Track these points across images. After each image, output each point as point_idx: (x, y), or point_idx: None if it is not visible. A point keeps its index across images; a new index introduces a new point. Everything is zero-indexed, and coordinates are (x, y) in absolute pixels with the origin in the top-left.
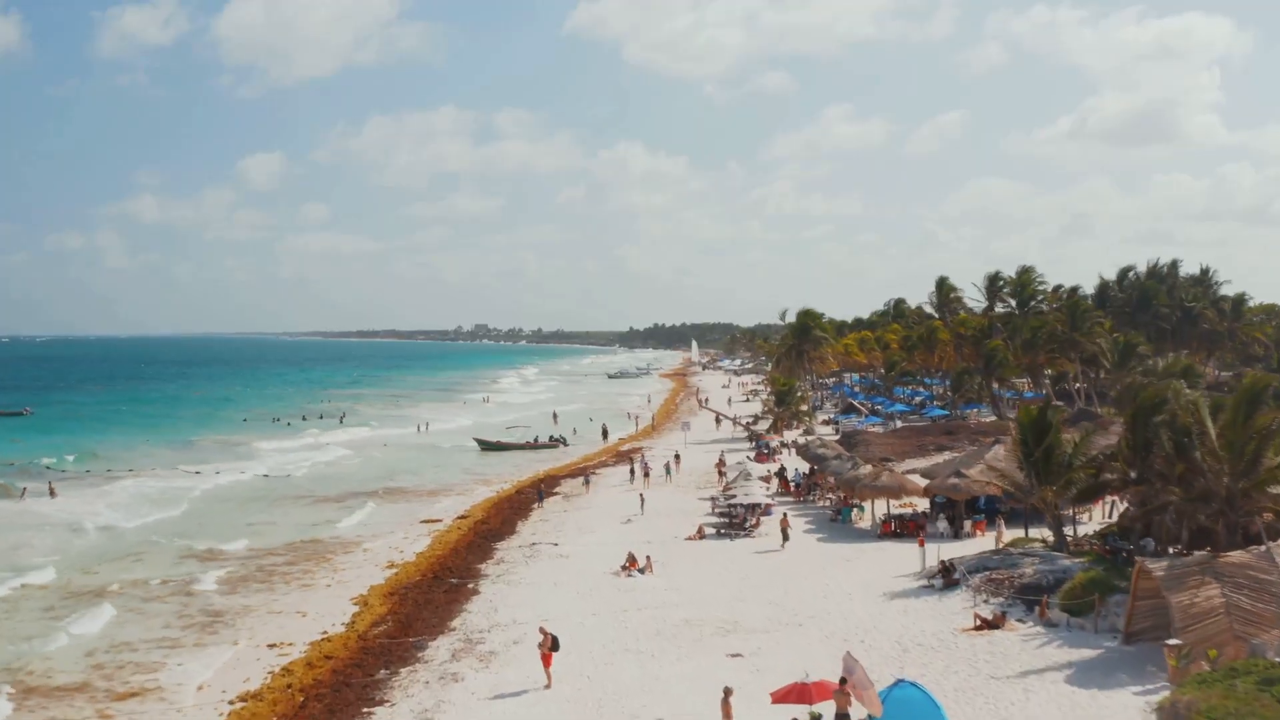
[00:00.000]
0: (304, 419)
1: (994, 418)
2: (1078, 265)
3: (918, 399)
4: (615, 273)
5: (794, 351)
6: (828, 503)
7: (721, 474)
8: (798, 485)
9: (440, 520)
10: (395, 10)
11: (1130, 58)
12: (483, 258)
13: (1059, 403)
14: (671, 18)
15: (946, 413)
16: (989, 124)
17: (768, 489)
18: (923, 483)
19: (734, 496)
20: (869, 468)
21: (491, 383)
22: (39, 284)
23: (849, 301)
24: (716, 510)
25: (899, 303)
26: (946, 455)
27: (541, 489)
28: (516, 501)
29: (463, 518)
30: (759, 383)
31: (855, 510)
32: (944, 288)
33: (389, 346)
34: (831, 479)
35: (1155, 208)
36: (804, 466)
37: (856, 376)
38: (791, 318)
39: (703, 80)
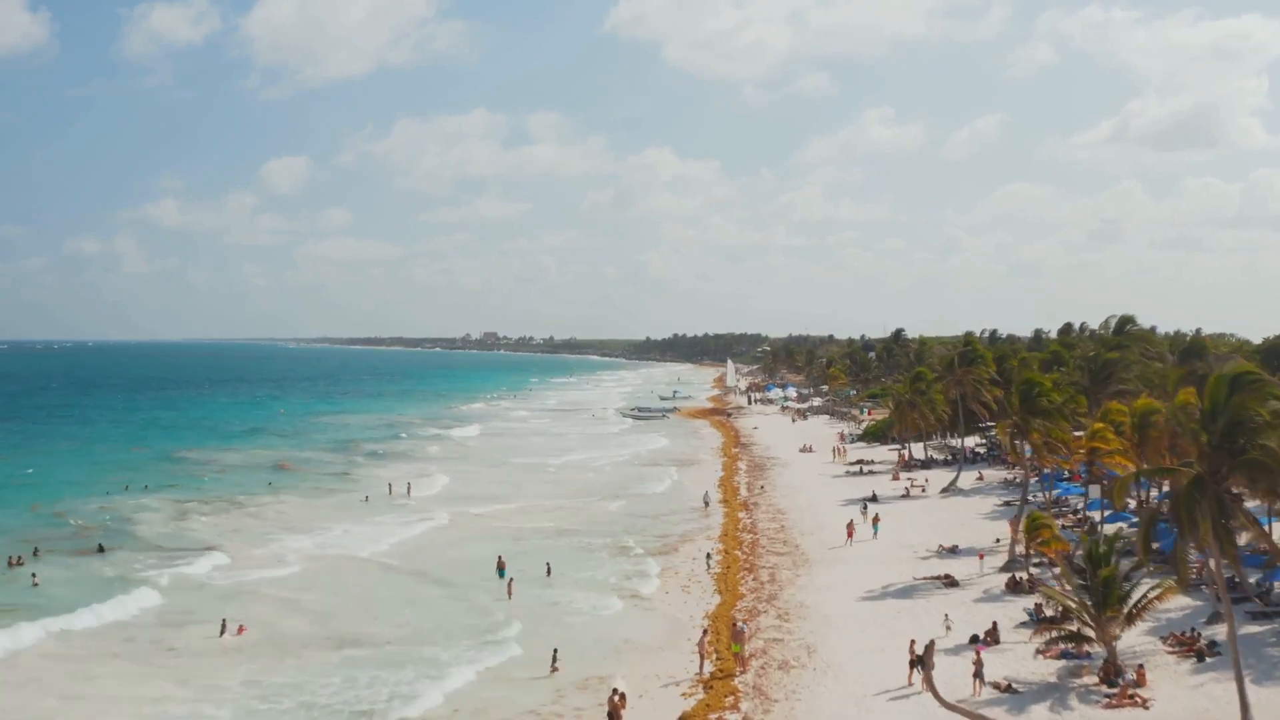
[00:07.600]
0: (86, 548)
1: None
2: (1105, 271)
3: None
4: (635, 279)
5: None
6: None
7: None
8: None
9: None
10: (434, 8)
11: (1182, 60)
12: (502, 263)
13: None
14: (715, 15)
15: None
16: (1028, 127)
17: None
18: None
19: None
20: None
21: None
22: (55, 289)
23: (866, 308)
24: None
25: (1126, 321)
26: None
27: None
28: None
29: None
30: (848, 437)
31: None
32: None
33: (389, 356)
34: None
35: (1186, 213)
36: None
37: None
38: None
39: (742, 82)
